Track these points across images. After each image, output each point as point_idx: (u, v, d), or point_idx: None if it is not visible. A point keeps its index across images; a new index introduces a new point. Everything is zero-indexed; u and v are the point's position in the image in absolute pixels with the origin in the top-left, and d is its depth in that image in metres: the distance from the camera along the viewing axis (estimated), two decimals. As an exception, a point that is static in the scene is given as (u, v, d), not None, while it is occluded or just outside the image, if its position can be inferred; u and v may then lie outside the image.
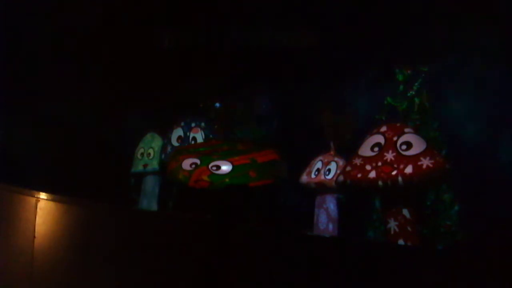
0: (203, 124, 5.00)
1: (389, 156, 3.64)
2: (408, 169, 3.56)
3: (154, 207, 5.08)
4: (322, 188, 4.20)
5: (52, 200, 4.42)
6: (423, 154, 3.61)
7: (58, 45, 5.83)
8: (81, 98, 5.76)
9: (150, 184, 5.14)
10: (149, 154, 5.10)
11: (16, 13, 5.95)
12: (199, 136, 4.93)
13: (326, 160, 4.24)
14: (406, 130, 3.77)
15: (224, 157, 4.32)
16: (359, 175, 3.68)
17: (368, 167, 3.65)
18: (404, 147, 3.65)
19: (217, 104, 5.33)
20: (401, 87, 4.26)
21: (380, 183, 3.59)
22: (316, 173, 4.22)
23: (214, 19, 5.58)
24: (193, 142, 4.88)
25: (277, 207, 4.59)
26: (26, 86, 5.94)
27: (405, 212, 3.67)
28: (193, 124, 4.98)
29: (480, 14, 4.18)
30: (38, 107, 5.87)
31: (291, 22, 5.22)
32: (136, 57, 5.77)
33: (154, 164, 5.07)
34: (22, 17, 5.93)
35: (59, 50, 5.83)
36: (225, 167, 4.25)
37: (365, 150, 3.76)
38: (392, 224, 3.67)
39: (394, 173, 3.57)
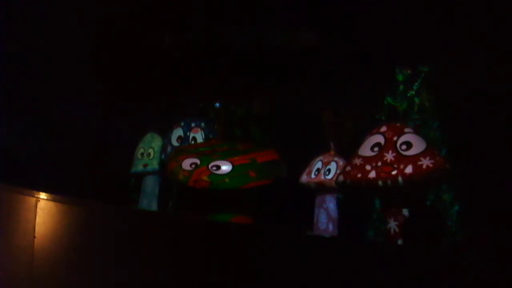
0: (203, 124, 5.00)
1: (389, 156, 3.64)
2: (408, 169, 3.56)
3: (154, 207, 5.08)
4: (322, 188, 4.20)
5: (52, 200, 4.42)
6: (423, 154, 3.61)
7: (59, 45, 5.83)
8: (82, 98, 5.76)
9: (150, 184, 5.14)
10: (149, 154, 5.10)
11: (17, 13, 5.95)
12: (199, 136, 4.93)
13: (326, 160, 4.24)
14: (406, 130, 3.77)
15: (224, 157, 4.32)
16: (359, 175, 3.67)
17: (368, 167, 3.65)
18: (404, 147, 3.65)
19: (217, 104, 5.34)
20: (401, 87, 4.27)
21: (380, 183, 3.60)
22: (316, 173, 4.22)
23: (214, 19, 5.58)
24: (193, 142, 4.88)
25: (277, 207, 4.59)
26: (27, 85, 5.94)
27: (405, 212, 3.67)
28: (193, 124, 4.98)
29: (480, 13, 4.18)
30: (39, 106, 5.87)
31: (291, 22, 5.23)
32: (137, 57, 5.78)
33: (154, 164, 5.07)
34: (23, 18, 5.93)
35: (60, 50, 5.83)
36: (225, 167, 4.25)
37: (365, 150, 3.76)
38: (392, 224, 3.68)
39: (394, 173, 3.57)
